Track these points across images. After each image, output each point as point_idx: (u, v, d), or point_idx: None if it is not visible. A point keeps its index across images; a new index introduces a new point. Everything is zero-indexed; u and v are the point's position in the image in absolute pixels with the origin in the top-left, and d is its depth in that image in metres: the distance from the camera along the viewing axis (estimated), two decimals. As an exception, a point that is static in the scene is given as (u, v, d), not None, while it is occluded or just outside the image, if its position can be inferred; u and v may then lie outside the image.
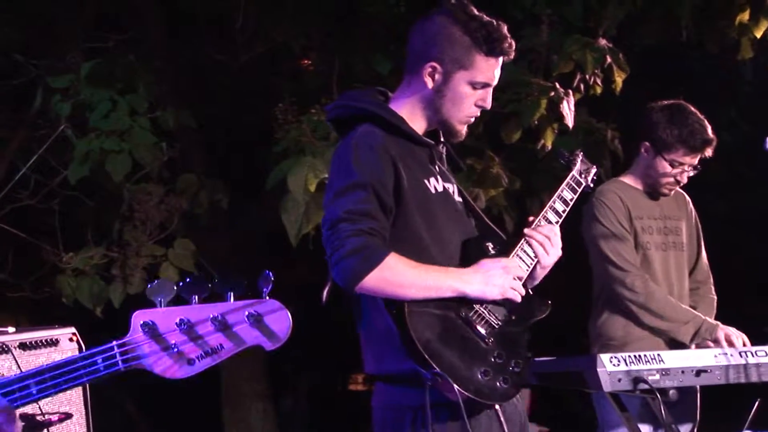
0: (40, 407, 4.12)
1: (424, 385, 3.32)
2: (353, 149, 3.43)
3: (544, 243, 3.56)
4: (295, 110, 6.55)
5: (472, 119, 3.54)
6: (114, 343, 1.98)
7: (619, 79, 6.46)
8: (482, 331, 3.42)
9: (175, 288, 1.94)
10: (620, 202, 4.84)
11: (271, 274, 1.96)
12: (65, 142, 6.98)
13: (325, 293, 3.51)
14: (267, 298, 1.97)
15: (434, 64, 3.44)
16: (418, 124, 3.52)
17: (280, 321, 1.96)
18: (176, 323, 1.94)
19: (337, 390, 12.77)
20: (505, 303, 3.46)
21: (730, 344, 4.68)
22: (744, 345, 4.51)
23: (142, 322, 1.94)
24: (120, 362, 1.96)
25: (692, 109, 4.73)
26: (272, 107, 6.77)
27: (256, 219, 7.65)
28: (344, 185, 3.39)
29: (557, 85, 6.36)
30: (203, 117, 7.68)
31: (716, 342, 4.73)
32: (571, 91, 6.40)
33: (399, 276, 3.33)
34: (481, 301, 3.41)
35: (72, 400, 4.56)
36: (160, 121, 7.02)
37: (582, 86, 6.55)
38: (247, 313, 1.95)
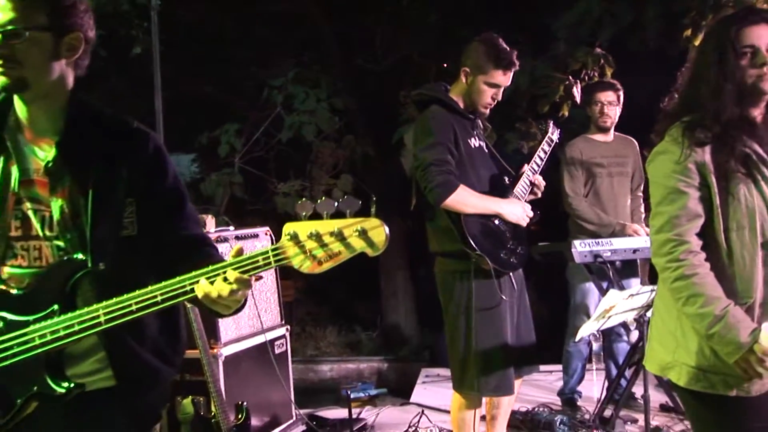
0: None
1: (470, 259, 4.03)
2: (431, 120, 4.10)
3: (541, 185, 4.38)
4: (411, 95, 7.41)
5: (491, 106, 4.22)
6: (269, 247, 2.17)
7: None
8: (504, 230, 4.14)
9: (314, 207, 2.12)
10: (578, 152, 5.51)
11: (373, 197, 2.12)
12: (279, 118, 8.63)
13: (412, 205, 4.30)
14: (372, 217, 2.10)
15: (467, 68, 4.18)
16: (462, 105, 4.24)
17: (379, 235, 2.08)
18: (308, 234, 2.10)
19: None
20: None
21: (638, 234, 5.28)
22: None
23: (288, 232, 2.12)
24: (273, 261, 2.16)
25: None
26: (398, 94, 8.68)
27: (390, 165, 9.00)
28: (429, 142, 4.04)
29: (570, 77, 7.64)
30: (359, 101, 9.32)
31: (629, 236, 5.25)
32: (578, 80, 7.50)
33: (464, 199, 3.99)
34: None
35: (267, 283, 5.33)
36: (333, 104, 8.73)
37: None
38: (357, 227, 2.08)
